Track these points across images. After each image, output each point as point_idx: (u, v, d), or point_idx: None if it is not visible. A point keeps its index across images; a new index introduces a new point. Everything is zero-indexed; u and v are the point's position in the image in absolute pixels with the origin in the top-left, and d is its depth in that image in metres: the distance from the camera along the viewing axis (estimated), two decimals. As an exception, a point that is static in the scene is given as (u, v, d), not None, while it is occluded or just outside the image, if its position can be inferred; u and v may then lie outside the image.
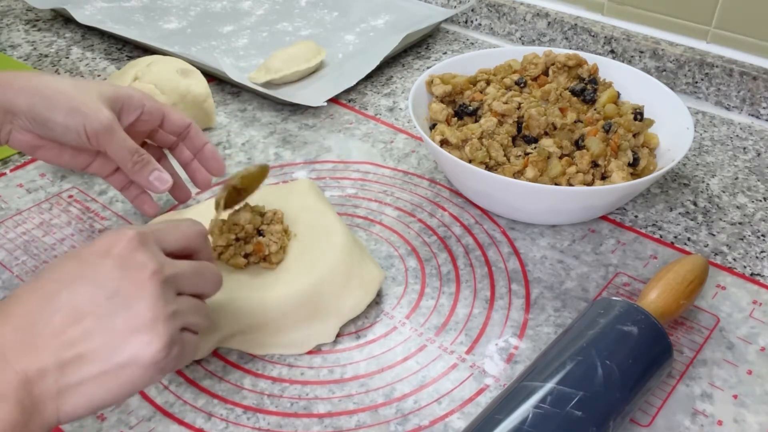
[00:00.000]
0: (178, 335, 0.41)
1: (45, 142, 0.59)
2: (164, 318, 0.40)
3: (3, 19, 1.03)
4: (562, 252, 0.63)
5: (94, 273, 0.40)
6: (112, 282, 0.40)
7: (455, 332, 0.56)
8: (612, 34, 0.90)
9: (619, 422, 0.45)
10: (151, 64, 0.75)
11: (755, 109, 0.83)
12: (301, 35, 0.98)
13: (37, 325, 0.38)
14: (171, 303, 0.41)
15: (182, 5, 1.05)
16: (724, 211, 0.69)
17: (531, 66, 0.74)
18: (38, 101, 0.55)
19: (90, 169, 0.62)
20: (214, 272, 0.46)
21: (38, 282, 0.40)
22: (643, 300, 0.53)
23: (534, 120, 0.65)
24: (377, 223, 0.66)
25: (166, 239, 0.44)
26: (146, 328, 0.39)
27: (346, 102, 0.85)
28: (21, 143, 0.58)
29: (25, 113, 0.56)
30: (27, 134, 0.58)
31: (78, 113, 0.55)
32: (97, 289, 0.39)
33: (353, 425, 0.49)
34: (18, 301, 0.40)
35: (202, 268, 0.45)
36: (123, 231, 0.41)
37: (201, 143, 0.64)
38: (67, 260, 0.41)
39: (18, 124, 0.57)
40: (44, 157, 0.60)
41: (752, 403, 0.51)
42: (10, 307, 0.39)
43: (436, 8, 1.02)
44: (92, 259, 0.40)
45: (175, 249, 0.45)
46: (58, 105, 0.55)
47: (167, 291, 0.41)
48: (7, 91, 0.56)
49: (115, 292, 0.39)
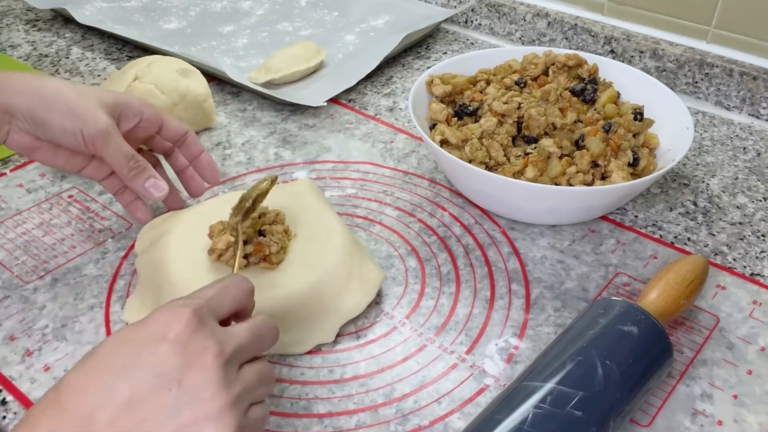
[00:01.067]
0: (245, 417, 0.39)
1: (42, 144, 0.59)
2: (230, 404, 0.37)
3: (3, 19, 1.03)
4: (562, 252, 0.63)
5: (152, 361, 0.37)
6: (172, 371, 0.37)
7: (455, 332, 0.56)
8: (612, 34, 0.90)
9: (619, 422, 0.45)
10: (151, 64, 0.75)
11: (755, 109, 0.83)
12: (301, 35, 0.98)
13: (97, 419, 0.36)
14: (235, 384, 0.38)
15: (182, 5, 1.05)
16: (724, 211, 0.69)
17: (531, 66, 0.74)
18: (37, 102, 0.55)
19: (84, 172, 0.61)
20: (271, 326, 0.44)
21: (93, 370, 0.37)
22: (643, 300, 0.53)
23: (534, 120, 0.65)
24: (377, 223, 0.66)
25: (221, 308, 0.42)
26: (213, 419, 0.37)
27: (346, 102, 0.85)
28: (18, 144, 0.58)
29: (23, 114, 0.56)
30: (25, 135, 0.58)
31: (76, 116, 0.55)
32: (157, 379, 0.36)
33: (353, 425, 0.49)
34: (73, 391, 0.37)
35: (260, 329, 0.43)
36: (178, 311, 0.39)
37: (198, 151, 0.65)
38: (122, 344, 0.38)
39: (16, 125, 0.57)
40: (40, 158, 0.60)
41: (752, 403, 0.51)
42: (63, 397, 0.37)
43: (436, 8, 1.02)
44: (148, 344, 0.38)
45: (228, 314, 0.43)
46: (57, 107, 0.55)
47: (230, 371, 0.39)
48: (6, 91, 0.56)
49: (177, 382, 0.37)
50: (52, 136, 0.57)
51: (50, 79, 0.58)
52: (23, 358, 0.54)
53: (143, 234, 0.61)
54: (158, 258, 0.57)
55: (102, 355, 0.38)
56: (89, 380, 0.37)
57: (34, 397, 0.51)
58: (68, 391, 0.37)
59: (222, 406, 0.37)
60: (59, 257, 0.62)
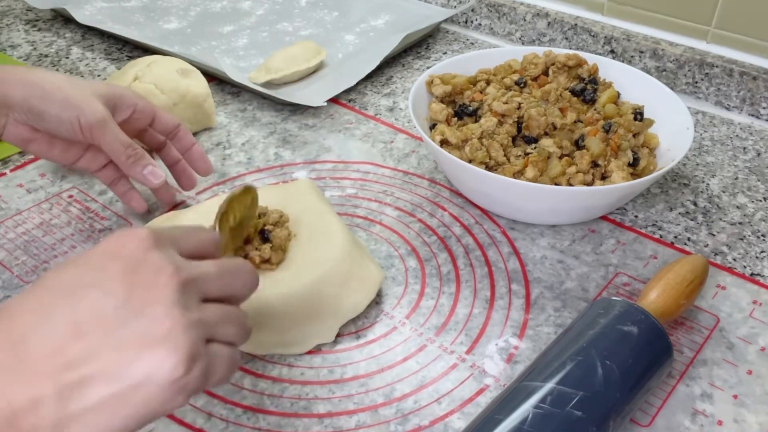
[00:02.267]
0: (203, 348, 0.35)
1: (38, 135, 0.60)
2: (183, 327, 0.34)
3: (3, 19, 1.03)
4: (562, 252, 0.63)
5: (100, 278, 0.34)
6: (121, 288, 0.34)
7: (455, 332, 0.56)
8: (612, 34, 0.90)
9: (619, 422, 0.45)
10: (151, 64, 0.75)
11: (755, 109, 0.83)
12: (301, 35, 0.98)
13: (29, 345, 0.32)
14: (192, 310, 0.35)
15: (182, 5, 1.05)
16: (724, 211, 0.69)
17: (531, 66, 0.74)
18: (34, 92, 0.56)
19: (80, 163, 0.62)
20: (248, 270, 0.41)
21: (32, 293, 0.34)
22: (643, 300, 0.53)
23: (534, 120, 0.65)
24: (377, 223, 0.66)
25: (182, 243, 0.38)
26: (162, 339, 0.33)
27: (346, 102, 0.85)
28: (15, 136, 0.59)
29: (20, 105, 0.57)
30: (21, 127, 0.59)
31: (73, 106, 0.56)
32: (103, 297, 0.33)
33: (353, 425, 0.49)
34: (6, 316, 0.33)
35: (230, 267, 0.40)
36: (133, 230, 0.36)
37: (189, 143, 0.66)
38: (68, 266, 0.35)
39: (13, 116, 0.58)
40: (36, 150, 0.61)
41: (752, 403, 0.51)
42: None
43: (436, 8, 1.02)
44: (98, 262, 0.35)
45: (190, 255, 0.39)
46: (53, 97, 0.56)
47: (188, 296, 0.35)
48: (2, 84, 0.57)
49: (126, 300, 0.33)
50: (49, 126, 0.57)
51: (44, 71, 0.59)
52: (23, 358, 0.54)
53: None
54: None
55: (45, 278, 0.35)
56: (26, 304, 0.34)
57: (34, 397, 0.51)
58: (1, 317, 0.33)
59: (174, 325, 0.33)
60: (59, 257, 0.62)
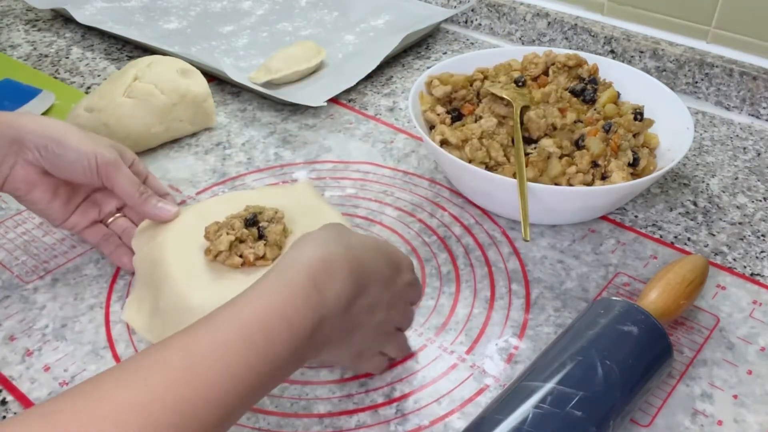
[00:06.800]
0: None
1: (44, 181, 0.58)
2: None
3: (3, 19, 1.03)
4: (562, 252, 0.63)
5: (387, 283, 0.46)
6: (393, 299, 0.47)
7: (455, 332, 0.56)
8: (612, 34, 0.90)
9: (619, 422, 0.45)
10: (151, 64, 0.75)
11: (755, 109, 0.83)
12: (301, 35, 0.98)
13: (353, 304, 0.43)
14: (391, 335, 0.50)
15: (182, 5, 1.05)
16: (724, 211, 0.69)
17: (531, 66, 0.74)
18: (51, 134, 0.56)
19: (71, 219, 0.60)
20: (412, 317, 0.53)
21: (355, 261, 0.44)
22: (643, 300, 0.53)
23: (533, 123, 0.65)
24: (377, 223, 0.66)
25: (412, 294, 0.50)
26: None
27: (346, 102, 0.85)
28: (21, 178, 0.57)
29: (35, 144, 0.56)
30: (30, 168, 0.57)
31: (90, 146, 0.57)
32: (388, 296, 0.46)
33: (353, 425, 0.49)
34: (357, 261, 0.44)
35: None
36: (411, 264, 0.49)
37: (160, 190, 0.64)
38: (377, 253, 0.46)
39: (24, 156, 0.56)
40: (37, 198, 0.58)
41: (752, 403, 0.51)
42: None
43: (436, 8, 1.02)
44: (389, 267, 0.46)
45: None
46: (70, 138, 0.57)
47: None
48: (16, 124, 0.56)
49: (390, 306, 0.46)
50: (65, 163, 0.56)
51: (55, 119, 0.59)
52: (23, 358, 0.54)
53: (141, 231, 0.60)
54: (156, 256, 0.56)
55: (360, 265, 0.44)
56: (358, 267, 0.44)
57: (34, 398, 0.51)
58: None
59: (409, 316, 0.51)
60: (59, 257, 0.62)
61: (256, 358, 0.37)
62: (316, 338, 0.41)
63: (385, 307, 0.46)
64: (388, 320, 0.47)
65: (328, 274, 0.42)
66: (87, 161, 0.57)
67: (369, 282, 0.44)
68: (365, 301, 0.44)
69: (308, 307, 0.40)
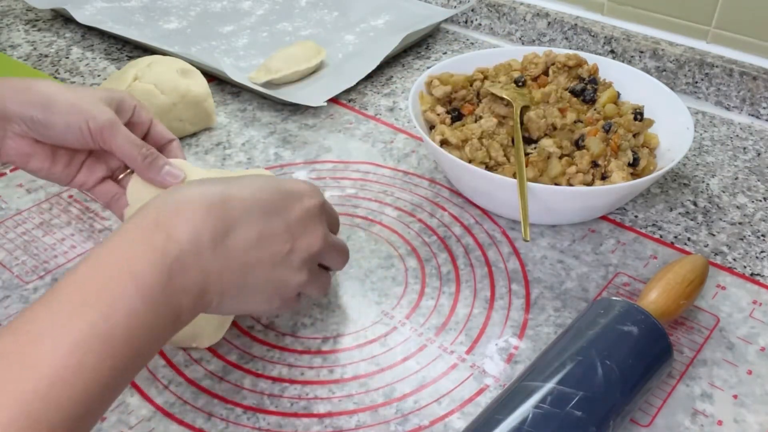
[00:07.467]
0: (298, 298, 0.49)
1: (38, 150, 0.55)
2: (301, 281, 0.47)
3: (3, 19, 1.03)
4: (562, 252, 0.63)
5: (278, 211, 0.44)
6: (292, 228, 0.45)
7: (455, 332, 0.56)
8: (612, 34, 0.90)
9: (619, 422, 0.45)
10: (151, 64, 0.75)
11: (755, 109, 0.83)
12: (301, 35, 0.98)
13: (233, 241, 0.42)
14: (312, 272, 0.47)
15: (182, 5, 1.05)
16: (724, 211, 0.69)
17: (531, 66, 0.74)
18: (34, 101, 0.53)
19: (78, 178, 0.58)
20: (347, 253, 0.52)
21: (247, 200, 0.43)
22: (643, 300, 0.53)
23: (533, 123, 0.65)
24: (377, 223, 0.66)
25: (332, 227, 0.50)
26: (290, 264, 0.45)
27: (346, 102, 0.85)
28: (14, 151, 0.55)
29: (20, 116, 0.53)
30: (21, 140, 0.54)
31: (79, 110, 0.53)
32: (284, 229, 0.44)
33: (353, 425, 0.49)
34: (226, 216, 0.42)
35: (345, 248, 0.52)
36: (317, 191, 0.47)
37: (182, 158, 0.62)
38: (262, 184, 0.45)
39: (12, 129, 0.53)
40: (37, 167, 0.56)
41: (752, 403, 0.51)
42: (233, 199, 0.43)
43: (436, 8, 1.02)
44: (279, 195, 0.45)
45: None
46: (56, 105, 0.53)
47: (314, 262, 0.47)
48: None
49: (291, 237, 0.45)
50: (54, 134, 0.53)
51: (41, 81, 0.55)
52: (23, 358, 0.54)
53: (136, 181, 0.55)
54: None
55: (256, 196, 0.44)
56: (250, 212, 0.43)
57: (34, 397, 0.51)
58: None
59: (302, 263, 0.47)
60: (59, 257, 0.62)
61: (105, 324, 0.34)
62: (184, 285, 0.38)
63: (284, 238, 0.44)
64: (297, 251, 0.45)
65: (174, 212, 0.39)
66: (78, 129, 0.53)
67: (243, 214, 0.42)
68: (245, 235, 0.42)
69: (153, 250, 0.37)
